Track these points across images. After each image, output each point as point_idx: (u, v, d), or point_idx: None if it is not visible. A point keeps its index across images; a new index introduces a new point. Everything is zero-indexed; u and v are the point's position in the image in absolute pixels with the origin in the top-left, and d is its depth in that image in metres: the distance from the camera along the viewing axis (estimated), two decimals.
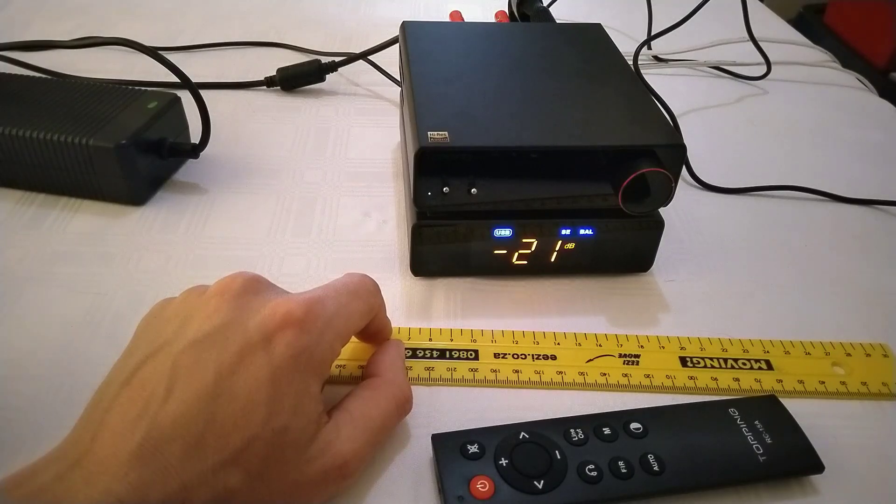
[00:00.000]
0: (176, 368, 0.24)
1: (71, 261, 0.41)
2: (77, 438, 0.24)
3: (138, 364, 0.25)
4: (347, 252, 0.43)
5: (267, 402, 0.24)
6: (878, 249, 0.46)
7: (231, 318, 0.25)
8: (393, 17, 0.77)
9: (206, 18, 0.74)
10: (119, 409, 0.23)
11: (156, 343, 0.26)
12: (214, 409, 0.23)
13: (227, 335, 0.25)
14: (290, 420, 0.25)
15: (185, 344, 0.25)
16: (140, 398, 0.23)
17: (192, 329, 0.25)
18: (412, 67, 0.43)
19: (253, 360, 0.25)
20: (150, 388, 0.24)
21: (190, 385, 0.24)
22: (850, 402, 0.35)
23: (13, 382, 0.34)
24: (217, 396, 0.24)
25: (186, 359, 0.24)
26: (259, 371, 0.24)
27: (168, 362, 0.24)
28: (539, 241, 0.40)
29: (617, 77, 0.44)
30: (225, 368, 0.24)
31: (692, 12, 0.67)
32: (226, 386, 0.24)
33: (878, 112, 0.65)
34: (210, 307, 0.26)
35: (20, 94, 0.48)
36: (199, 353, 0.24)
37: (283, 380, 0.25)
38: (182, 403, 0.23)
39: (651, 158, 0.37)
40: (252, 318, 0.26)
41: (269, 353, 0.25)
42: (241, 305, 0.26)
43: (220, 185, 0.49)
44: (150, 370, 0.24)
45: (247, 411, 0.24)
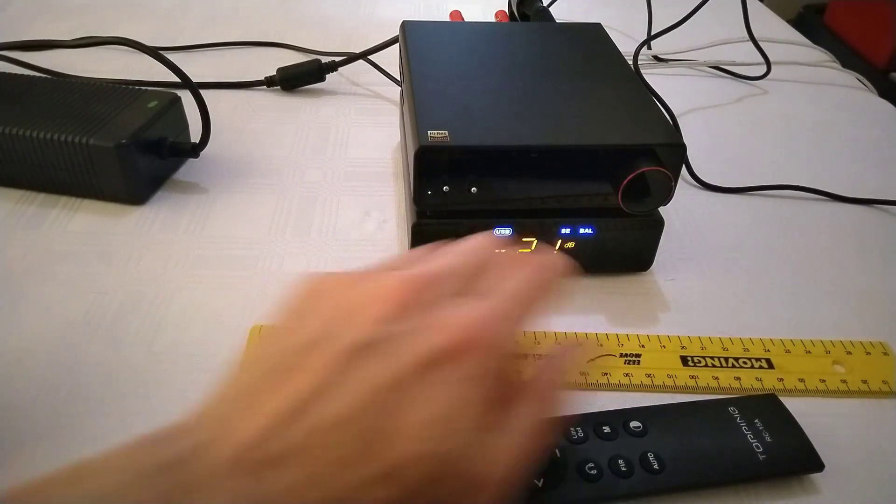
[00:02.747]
0: (344, 368, 0.22)
1: (71, 260, 0.41)
2: (224, 401, 0.22)
3: (302, 349, 0.23)
4: (347, 251, 0.43)
5: (436, 423, 0.22)
6: (877, 249, 0.46)
7: (407, 329, 0.23)
8: (393, 17, 0.77)
9: (206, 18, 0.74)
10: (275, 396, 0.22)
11: (315, 333, 0.23)
12: (381, 420, 0.22)
13: (401, 347, 0.23)
14: (457, 444, 0.23)
15: (356, 343, 0.23)
16: (295, 393, 0.22)
17: (363, 327, 0.23)
18: (412, 67, 0.43)
19: (427, 377, 0.23)
20: (312, 383, 0.22)
21: (357, 389, 0.22)
22: (850, 400, 0.35)
23: (13, 382, 0.34)
24: (385, 407, 0.22)
25: (356, 361, 0.22)
26: (432, 388, 0.22)
27: (335, 359, 0.22)
28: (539, 241, 0.40)
29: (617, 77, 0.44)
30: (398, 381, 0.22)
31: (692, 12, 0.67)
32: (395, 399, 0.22)
33: (877, 112, 0.65)
34: (382, 308, 0.24)
35: (20, 93, 0.48)
36: (370, 358, 0.22)
37: (454, 402, 0.23)
38: (347, 408, 0.21)
39: (651, 158, 0.37)
40: (429, 334, 0.23)
41: (443, 373, 0.23)
42: (417, 315, 0.24)
43: (220, 185, 0.49)
44: (313, 361, 0.22)
45: (415, 428, 0.22)
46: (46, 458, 0.30)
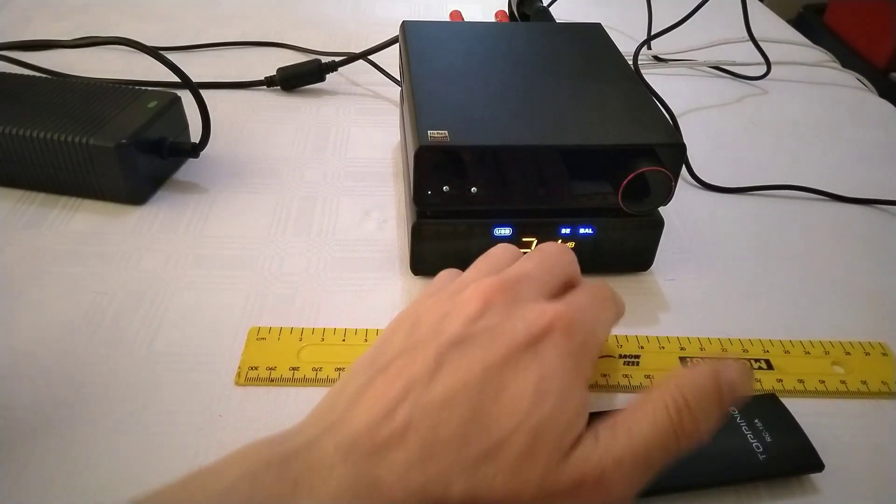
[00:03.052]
0: (440, 359, 0.24)
1: (71, 260, 0.41)
2: (328, 408, 0.24)
3: (396, 355, 0.25)
4: (347, 251, 0.43)
5: (531, 399, 0.24)
6: (877, 249, 0.46)
7: (496, 322, 0.25)
8: (393, 16, 0.77)
9: (206, 18, 0.74)
10: (377, 390, 0.24)
11: (413, 337, 0.26)
12: (480, 400, 0.23)
13: (493, 336, 0.25)
14: (552, 417, 0.24)
15: (448, 340, 0.25)
16: (400, 382, 0.23)
17: (454, 327, 0.25)
18: (412, 67, 0.43)
19: (519, 360, 0.24)
20: (410, 374, 0.24)
21: (455, 375, 0.24)
22: (849, 400, 0.35)
23: (13, 382, 0.34)
24: (482, 389, 0.23)
25: (451, 353, 0.24)
26: (526, 370, 0.24)
27: (430, 354, 0.24)
28: (539, 240, 0.40)
29: (617, 77, 0.44)
30: (491, 365, 0.24)
31: (692, 12, 0.67)
32: (492, 380, 0.24)
33: (878, 112, 0.65)
34: (471, 308, 0.26)
35: (20, 93, 0.48)
36: (464, 349, 0.24)
37: (549, 379, 0.24)
38: (448, 390, 0.23)
39: (651, 158, 0.37)
40: (518, 322, 0.25)
41: (536, 355, 0.25)
42: (505, 310, 0.26)
43: (219, 185, 0.49)
44: (409, 359, 0.24)
45: (511, 405, 0.23)
46: (46, 457, 0.30)
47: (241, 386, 0.34)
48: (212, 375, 0.35)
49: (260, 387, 0.34)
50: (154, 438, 0.31)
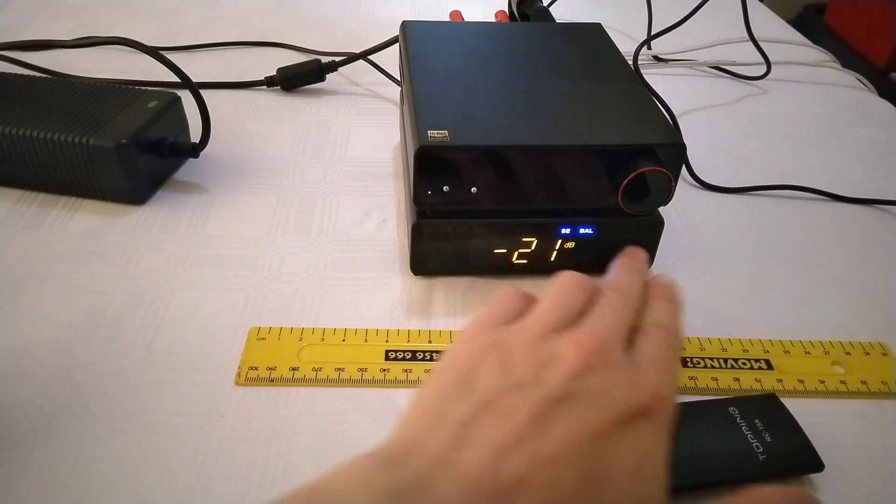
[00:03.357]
0: (547, 412, 0.24)
1: (71, 260, 0.41)
2: (431, 432, 0.24)
3: (496, 391, 0.25)
4: (347, 251, 0.43)
5: (634, 474, 0.24)
6: (877, 249, 0.46)
7: (597, 385, 0.26)
8: (393, 16, 0.77)
9: (206, 18, 0.74)
10: (486, 429, 0.24)
11: (510, 375, 0.26)
12: (588, 467, 0.24)
13: (597, 401, 0.25)
14: (651, 495, 0.25)
15: (554, 394, 0.25)
16: (509, 426, 0.24)
17: (558, 380, 0.25)
18: (412, 67, 0.43)
19: (622, 432, 0.25)
20: (519, 420, 0.24)
21: (565, 434, 0.24)
22: (849, 400, 0.35)
23: (13, 381, 0.34)
24: (590, 455, 0.24)
25: (558, 409, 0.24)
26: (628, 444, 0.25)
27: (536, 402, 0.24)
28: (539, 241, 0.40)
29: (617, 76, 0.44)
30: (598, 433, 0.24)
31: (692, 12, 0.67)
32: (597, 448, 0.24)
33: (878, 112, 0.65)
34: (573, 365, 0.26)
35: (20, 93, 0.48)
36: (570, 408, 0.25)
37: (648, 456, 0.25)
38: (560, 449, 0.23)
39: (651, 158, 0.37)
40: (618, 391, 0.26)
41: (635, 430, 0.25)
42: (603, 373, 0.26)
43: (220, 185, 0.49)
44: (514, 401, 0.25)
45: (615, 477, 0.24)
46: (46, 457, 0.30)
47: (241, 386, 0.34)
48: (212, 375, 0.35)
49: (260, 387, 0.34)
50: (154, 438, 0.31)
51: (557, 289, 0.31)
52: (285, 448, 0.32)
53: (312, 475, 0.30)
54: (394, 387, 0.35)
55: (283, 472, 0.31)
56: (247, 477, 0.30)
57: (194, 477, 0.30)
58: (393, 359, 0.36)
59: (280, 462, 0.31)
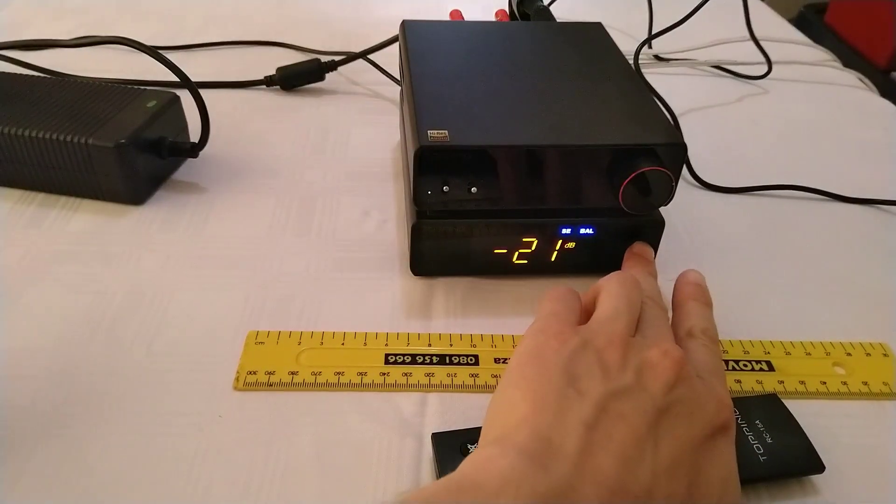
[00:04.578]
0: (657, 423, 0.25)
1: (70, 260, 0.41)
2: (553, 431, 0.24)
3: (606, 394, 0.26)
4: (347, 251, 0.43)
5: (721, 486, 0.26)
6: (878, 249, 0.46)
7: (688, 397, 0.27)
8: (393, 16, 0.77)
9: (205, 17, 0.74)
10: (610, 435, 0.25)
11: (613, 380, 0.27)
12: (691, 479, 0.25)
13: (690, 414, 0.26)
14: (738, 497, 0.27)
15: (660, 405, 0.26)
16: (630, 434, 0.25)
17: (658, 388, 0.27)
18: (412, 66, 0.43)
19: (711, 446, 0.26)
20: (635, 429, 0.25)
21: (672, 446, 0.25)
22: (850, 401, 0.35)
23: (13, 382, 0.34)
24: (694, 462, 0.25)
25: (663, 420, 0.26)
26: (713, 457, 0.26)
27: (649, 411, 0.26)
28: (539, 241, 0.40)
29: (617, 76, 0.44)
30: (695, 445, 0.26)
31: (693, 11, 0.67)
32: (695, 459, 0.26)
33: (878, 112, 0.65)
34: (668, 376, 0.27)
35: (20, 93, 0.47)
36: (672, 420, 0.26)
37: (731, 468, 0.27)
38: (671, 461, 0.25)
39: (651, 157, 0.37)
40: (708, 405, 0.27)
41: (717, 444, 0.27)
42: (690, 385, 0.27)
43: (219, 185, 0.49)
44: (626, 407, 0.26)
45: (707, 488, 0.25)
46: (45, 458, 0.30)
47: (239, 391, 0.34)
48: (212, 376, 0.35)
49: (259, 391, 0.34)
50: (154, 439, 0.31)
51: (619, 289, 0.31)
52: (285, 449, 0.31)
53: (313, 476, 0.30)
54: (394, 391, 0.34)
55: (283, 474, 0.30)
56: (246, 478, 0.30)
57: (194, 477, 0.30)
58: (393, 362, 0.36)
59: (280, 463, 0.31)
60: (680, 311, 0.34)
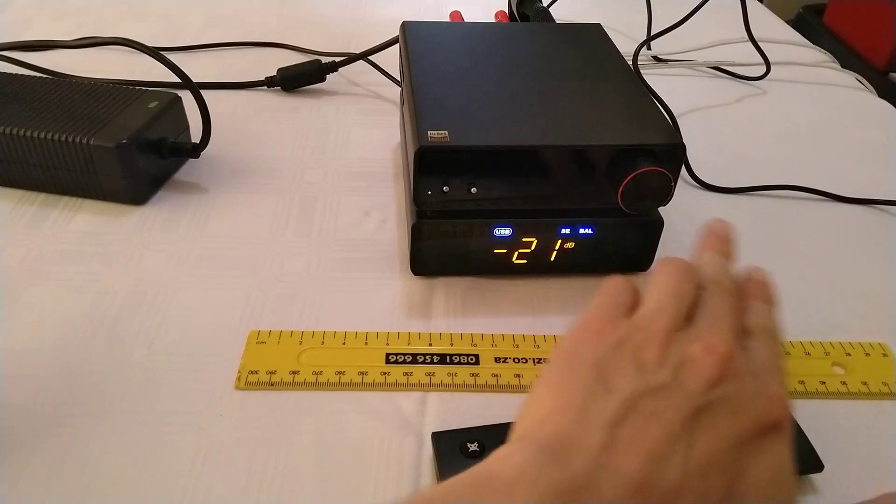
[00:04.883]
0: (693, 419, 0.24)
1: (72, 260, 0.41)
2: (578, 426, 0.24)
3: (637, 391, 0.25)
4: (348, 251, 0.43)
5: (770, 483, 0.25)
6: (877, 249, 0.46)
7: (733, 393, 0.26)
8: (393, 17, 0.77)
9: (207, 19, 0.75)
10: (637, 431, 0.24)
11: (647, 375, 0.26)
12: (731, 473, 0.24)
13: (735, 411, 0.25)
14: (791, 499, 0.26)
15: (698, 403, 0.25)
16: (659, 431, 0.24)
17: (698, 386, 0.25)
18: (412, 67, 0.43)
19: (759, 444, 0.25)
20: (667, 425, 0.24)
21: (710, 443, 0.24)
22: (850, 401, 0.35)
23: (13, 381, 0.34)
24: (733, 461, 0.24)
25: (701, 417, 0.25)
26: (761, 455, 0.25)
27: (682, 408, 0.25)
28: (539, 240, 0.40)
29: (616, 77, 0.44)
30: (739, 442, 0.25)
31: (692, 13, 0.67)
32: (738, 457, 0.25)
33: (877, 112, 0.65)
34: (711, 372, 0.26)
35: (21, 94, 0.48)
36: (712, 416, 0.25)
37: (783, 468, 0.26)
38: (708, 458, 0.24)
39: (650, 158, 0.37)
40: (755, 402, 0.26)
41: (773, 439, 0.26)
42: (737, 382, 0.26)
43: (220, 185, 0.49)
44: (659, 404, 0.25)
45: (754, 486, 0.24)
46: (46, 457, 0.30)
47: (241, 390, 0.34)
48: (213, 376, 0.35)
49: (260, 391, 0.34)
50: (154, 438, 0.31)
51: (666, 281, 0.30)
52: (286, 448, 0.32)
53: (313, 475, 0.30)
54: (395, 390, 0.35)
55: (284, 473, 0.31)
56: (247, 477, 0.30)
57: (195, 476, 0.30)
58: (393, 362, 0.36)
59: (280, 463, 0.31)
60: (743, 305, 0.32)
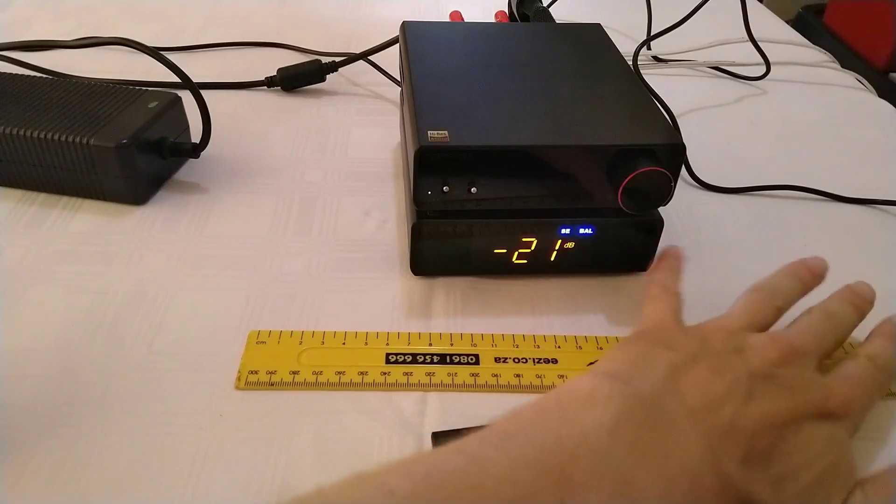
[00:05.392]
0: (751, 383, 0.27)
1: (72, 260, 0.41)
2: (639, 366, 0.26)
3: (698, 353, 0.27)
4: (348, 251, 0.43)
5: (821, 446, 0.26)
6: (877, 249, 0.46)
7: (791, 378, 0.28)
8: (393, 17, 0.77)
9: (207, 18, 0.75)
10: (698, 375, 0.26)
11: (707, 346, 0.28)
12: (782, 434, 0.26)
13: (793, 390, 0.27)
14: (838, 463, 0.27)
15: (757, 371, 0.27)
16: (719, 380, 0.26)
17: (758, 361, 0.28)
18: (412, 67, 0.43)
19: (814, 427, 0.27)
20: (725, 380, 0.26)
21: (765, 405, 0.26)
22: None
23: (13, 382, 0.34)
24: (780, 433, 0.26)
25: (759, 383, 0.27)
26: (815, 431, 0.27)
27: (741, 371, 0.27)
28: (539, 240, 0.40)
29: (616, 77, 0.44)
30: (794, 417, 0.26)
31: (692, 12, 0.67)
32: (790, 426, 0.26)
33: (877, 112, 0.65)
34: (771, 355, 0.28)
35: (21, 94, 0.48)
36: (769, 386, 0.27)
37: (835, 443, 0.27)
38: (762, 415, 0.26)
39: (650, 158, 0.37)
40: (813, 388, 0.28)
41: (816, 428, 0.27)
42: (796, 372, 0.28)
43: (220, 185, 0.49)
44: (719, 364, 0.27)
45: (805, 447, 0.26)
46: (46, 457, 0.30)
47: (241, 390, 0.34)
48: (213, 376, 0.35)
49: (260, 391, 0.34)
50: (154, 438, 0.32)
51: (748, 298, 0.33)
52: (286, 449, 0.32)
53: (314, 476, 0.30)
54: (395, 390, 0.35)
55: (284, 473, 0.31)
56: (247, 477, 0.30)
57: (194, 476, 0.30)
58: (394, 362, 0.36)
59: (280, 462, 0.31)
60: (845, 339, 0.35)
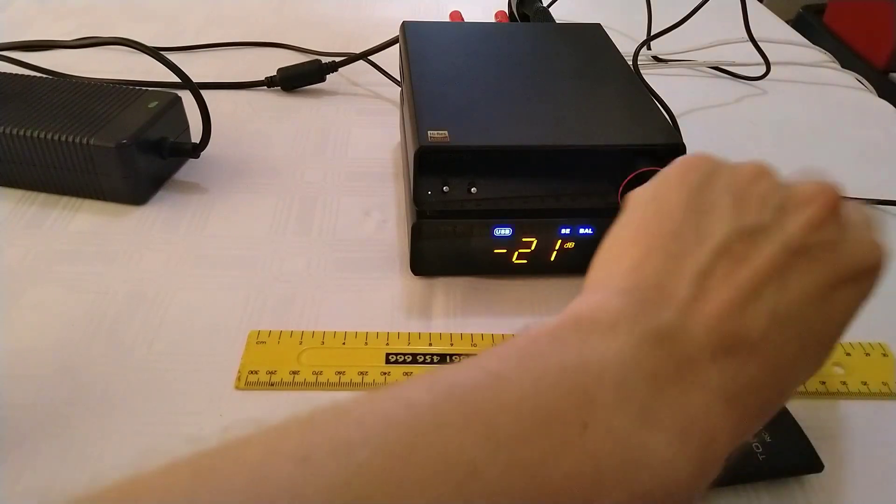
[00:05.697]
0: (788, 264, 0.24)
1: (72, 260, 0.41)
2: (683, 287, 0.23)
3: (731, 234, 0.24)
4: (348, 251, 0.43)
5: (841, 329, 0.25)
6: None
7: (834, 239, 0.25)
8: (393, 17, 0.77)
9: (207, 18, 0.75)
10: (724, 278, 0.23)
11: (744, 218, 0.25)
12: (817, 323, 0.24)
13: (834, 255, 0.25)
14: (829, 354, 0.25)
15: (795, 246, 0.24)
16: (748, 273, 0.23)
17: (798, 230, 0.25)
18: (412, 67, 0.43)
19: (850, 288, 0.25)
20: (757, 269, 0.23)
21: (804, 288, 0.24)
22: (850, 401, 0.35)
23: (13, 381, 0.34)
24: (819, 310, 0.24)
25: (797, 262, 0.24)
26: (849, 302, 0.25)
27: (777, 253, 0.24)
28: (539, 241, 0.40)
29: (616, 77, 0.44)
30: (829, 288, 0.24)
31: (692, 12, 0.67)
32: (825, 304, 0.24)
33: (877, 112, 0.65)
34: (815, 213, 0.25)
35: (21, 94, 0.48)
36: (808, 261, 0.24)
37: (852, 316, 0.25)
38: (796, 303, 0.23)
39: (650, 158, 0.37)
40: (855, 248, 0.25)
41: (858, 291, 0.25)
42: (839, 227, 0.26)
43: (220, 185, 0.49)
44: (752, 247, 0.24)
45: (833, 331, 0.24)
46: (46, 457, 0.30)
47: (241, 390, 0.34)
48: (213, 376, 0.35)
49: (260, 391, 0.34)
50: (154, 439, 0.31)
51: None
52: None
53: None
54: None
55: None
56: None
57: None
58: (394, 362, 0.36)
59: None
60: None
